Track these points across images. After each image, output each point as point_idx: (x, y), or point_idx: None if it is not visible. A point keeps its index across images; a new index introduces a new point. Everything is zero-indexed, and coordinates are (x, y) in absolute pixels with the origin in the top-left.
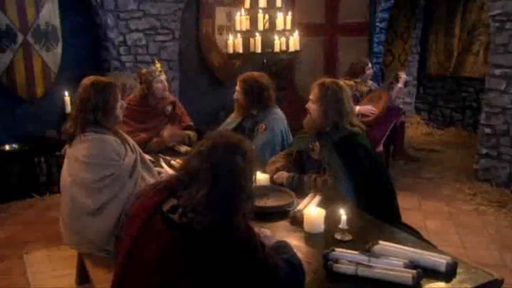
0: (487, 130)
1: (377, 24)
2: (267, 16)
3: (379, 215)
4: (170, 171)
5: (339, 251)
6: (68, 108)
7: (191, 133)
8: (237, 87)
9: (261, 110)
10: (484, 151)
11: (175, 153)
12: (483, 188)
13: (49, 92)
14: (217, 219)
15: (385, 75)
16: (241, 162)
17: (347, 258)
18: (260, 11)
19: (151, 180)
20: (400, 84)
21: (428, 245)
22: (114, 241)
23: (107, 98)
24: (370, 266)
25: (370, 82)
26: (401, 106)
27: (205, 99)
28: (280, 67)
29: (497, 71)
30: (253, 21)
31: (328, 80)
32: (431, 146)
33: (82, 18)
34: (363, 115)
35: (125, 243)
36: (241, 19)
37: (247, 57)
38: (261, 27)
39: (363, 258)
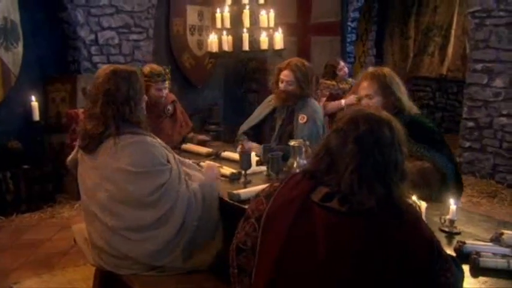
0: (470, 124)
1: (348, 23)
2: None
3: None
4: None
5: (471, 243)
6: (36, 116)
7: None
8: (286, 77)
9: (299, 99)
10: (467, 144)
11: (196, 156)
12: (468, 180)
13: (9, 97)
14: (380, 197)
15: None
16: (388, 133)
17: (489, 251)
18: (247, 7)
19: (196, 173)
20: None
21: None
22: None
23: (136, 86)
24: None
25: (350, 80)
26: None
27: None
28: (255, 66)
29: (478, 66)
30: (233, 19)
31: (371, 68)
32: None
33: (46, 14)
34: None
35: (268, 252)
36: (223, 16)
37: (231, 56)
38: (247, 24)
39: (504, 250)
